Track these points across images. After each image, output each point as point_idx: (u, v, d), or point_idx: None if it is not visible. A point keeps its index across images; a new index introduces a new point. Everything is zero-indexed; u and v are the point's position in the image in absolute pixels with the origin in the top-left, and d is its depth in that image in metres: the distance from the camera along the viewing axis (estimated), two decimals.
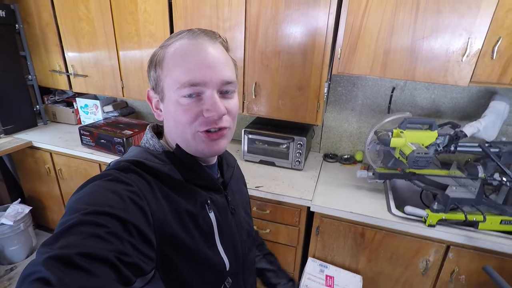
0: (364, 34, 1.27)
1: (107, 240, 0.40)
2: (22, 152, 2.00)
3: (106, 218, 0.42)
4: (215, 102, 0.54)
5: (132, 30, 1.69)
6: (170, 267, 0.53)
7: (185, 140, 0.58)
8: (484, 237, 1.15)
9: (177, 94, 0.54)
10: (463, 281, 1.25)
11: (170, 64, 0.55)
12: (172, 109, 0.56)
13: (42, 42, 1.98)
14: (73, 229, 0.40)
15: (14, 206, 1.99)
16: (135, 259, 0.42)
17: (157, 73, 0.57)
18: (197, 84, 0.53)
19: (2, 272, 1.95)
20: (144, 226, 0.46)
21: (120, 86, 1.87)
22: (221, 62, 0.55)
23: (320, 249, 1.44)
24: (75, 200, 0.45)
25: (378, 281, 1.39)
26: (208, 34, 0.57)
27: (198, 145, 0.57)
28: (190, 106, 0.54)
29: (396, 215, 1.27)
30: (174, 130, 0.58)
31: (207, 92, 0.54)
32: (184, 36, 0.56)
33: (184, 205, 0.56)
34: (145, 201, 0.50)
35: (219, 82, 0.54)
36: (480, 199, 1.18)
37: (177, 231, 0.53)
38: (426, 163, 1.15)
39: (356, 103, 1.76)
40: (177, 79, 0.53)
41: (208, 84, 0.53)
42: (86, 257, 0.37)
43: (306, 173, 1.65)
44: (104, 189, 0.47)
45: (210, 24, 1.52)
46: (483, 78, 1.18)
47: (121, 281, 0.39)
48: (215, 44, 0.56)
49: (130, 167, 0.53)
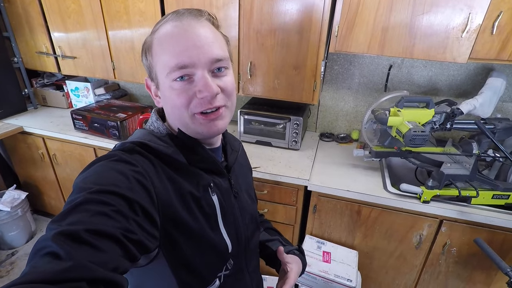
0: (363, 10, 1.23)
1: (113, 218, 0.41)
2: (14, 138, 1.96)
3: (112, 196, 0.43)
4: (206, 82, 0.53)
5: (121, 9, 1.61)
6: (174, 247, 0.54)
7: (184, 124, 0.58)
8: (476, 211, 1.19)
9: (168, 79, 0.54)
10: (455, 253, 1.31)
11: (157, 49, 0.54)
12: (167, 94, 0.56)
13: (26, 22, 1.88)
14: (80, 207, 0.41)
15: (10, 192, 1.98)
16: (140, 237, 0.44)
17: (149, 61, 0.57)
18: (185, 66, 0.52)
19: (4, 257, 1.98)
20: (148, 205, 0.48)
21: (111, 68, 1.81)
22: (208, 40, 0.54)
23: (317, 227, 1.48)
24: (82, 180, 0.46)
25: (374, 256, 1.45)
26: (192, 13, 0.55)
27: (197, 127, 0.57)
28: (182, 89, 0.54)
29: (391, 193, 1.30)
30: (173, 115, 0.59)
31: (198, 73, 0.53)
32: (169, 19, 0.54)
33: (187, 187, 0.56)
34: (150, 181, 0.50)
35: (208, 61, 0.53)
36: (474, 175, 1.21)
37: (180, 211, 0.54)
38: (423, 141, 1.16)
39: (353, 81, 1.74)
40: (166, 64, 0.53)
41: (197, 65, 0.52)
42: (93, 234, 0.38)
43: (302, 152, 1.66)
44: (110, 169, 0.48)
45: (203, 1, 1.45)
46: (482, 55, 1.17)
47: (127, 257, 0.41)
48: (201, 22, 0.54)
49: (134, 148, 0.54)
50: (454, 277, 1.36)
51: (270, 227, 0.95)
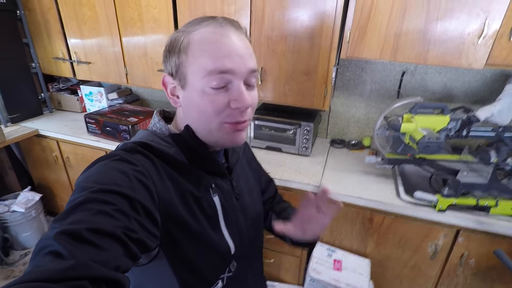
0: (375, 15, 1.22)
1: (114, 216, 0.42)
2: (30, 141, 2.01)
3: (113, 196, 0.44)
4: (242, 92, 0.53)
5: (135, 15, 1.65)
6: (174, 246, 0.54)
7: (208, 130, 0.57)
8: (495, 222, 1.14)
9: (203, 83, 0.53)
10: (473, 265, 1.26)
11: (197, 51, 0.53)
12: (197, 98, 0.54)
13: (45, 29, 1.95)
14: (82, 206, 0.41)
15: (25, 194, 2.03)
16: (141, 236, 0.44)
17: (180, 59, 0.54)
18: (226, 71, 0.52)
19: (17, 257, 2.01)
20: (149, 204, 0.48)
21: (124, 73, 1.85)
22: (248, 51, 0.55)
23: (328, 234, 1.45)
24: (83, 179, 0.47)
25: (387, 265, 1.41)
26: (234, 25, 0.56)
27: (223, 136, 0.57)
28: (216, 96, 0.53)
29: (405, 200, 1.27)
30: (197, 119, 0.57)
31: (235, 82, 0.53)
32: (210, 24, 0.54)
33: (188, 187, 0.56)
34: (151, 180, 0.51)
35: (246, 71, 0.54)
36: (492, 184, 1.17)
37: (181, 211, 0.54)
38: (437, 149, 1.13)
39: (365, 88, 1.72)
40: (205, 67, 0.52)
41: (237, 73, 0.53)
42: (94, 232, 0.38)
43: (313, 159, 1.64)
44: (111, 168, 0.48)
45: (214, 8, 1.47)
46: (499, 61, 1.14)
47: (128, 255, 0.41)
48: (241, 35, 0.56)
49: (136, 148, 0.54)
50: None
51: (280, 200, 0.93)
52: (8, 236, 1.99)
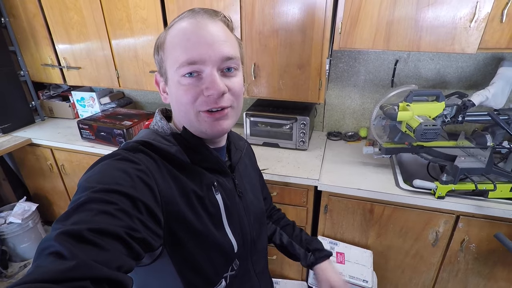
0: (366, 4, 1.21)
1: (116, 216, 0.41)
2: (23, 150, 1.97)
3: (116, 195, 0.43)
4: (214, 79, 0.53)
5: (123, 17, 1.62)
6: (178, 245, 0.54)
7: (189, 121, 0.57)
8: (494, 205, 1.15)
9: (177, 74, 0.54)
10: (474, 249, 1.26)
11: (170, 45, 0.54)
12: (174, 90, 0.56)
13: (31, 35, 1.91)
14: (84, 206, 0.41)
15: (21, 204, 1.99)
16: (144, 235, 0.44)
17: (160, 56, 0.57)
18: (195, 62, 0.52)
19: (17, 269, 1.98)
20: (152, 203, 0.48)
21: (116, 76, 1.82)
22: (220, 38, 0.54)
23: (329, 227, 1.45)
24: (86, 179, 0.46)
25: (389, 255, 1.41)
26: (208, 12, 0.55)
27: (201, 125, 0.56)
28: (190, 85, 0.53)
29: (404, 189, 1.27)
30: (178, 112, 0.58)
31: (207, 70, 0.53)
32: (184, 16, 0.55)
33: (191, 186, 0.56)
34: (153, 179, 0.50)
35: (217, 58, 0.53)
36: (490, 168, 1.17)
37: (184, 210, 0.54)
38: (435, 135, 1.13)
39: (359, 78, 1.72)
40: (176, 59, 0.53)
41: (207, 62, 0.52)
42: (96, 233, 0.38)
43: (311, 152, 1.63)
44: (113, 167, 0.48)
45: (203, 4, 1.45)
46: (492, 44, 1.14)
47: (131, 255, 0.41)
48: (215, 22, 0.55)
49: (138, 147, 0.54)
50: (474, 274, 1.32)
51: (286, 223, 0.94)
52: (6, 249, 1.95)
